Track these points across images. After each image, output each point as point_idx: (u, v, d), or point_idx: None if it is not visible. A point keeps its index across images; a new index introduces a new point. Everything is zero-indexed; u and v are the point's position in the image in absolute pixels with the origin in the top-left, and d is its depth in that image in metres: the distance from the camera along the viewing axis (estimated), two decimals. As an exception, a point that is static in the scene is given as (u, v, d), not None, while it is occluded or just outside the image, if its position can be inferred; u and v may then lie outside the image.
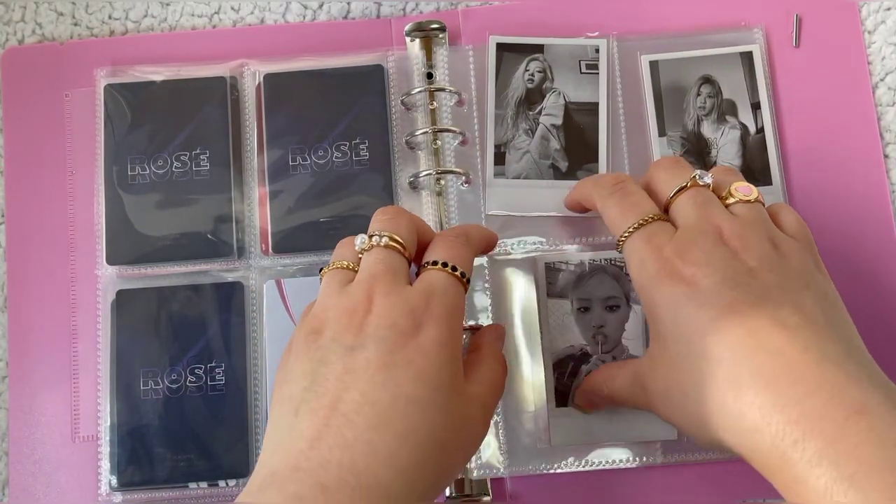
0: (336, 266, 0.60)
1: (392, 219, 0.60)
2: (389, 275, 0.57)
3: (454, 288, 0.57)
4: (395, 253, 0.58)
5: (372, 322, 0.54)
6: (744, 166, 0.72)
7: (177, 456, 0.69)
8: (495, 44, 0.74)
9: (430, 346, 0.54)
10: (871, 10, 0.76)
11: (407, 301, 0.55)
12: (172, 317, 0.71)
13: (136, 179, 0.73)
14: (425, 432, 0.52)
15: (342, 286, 0.58)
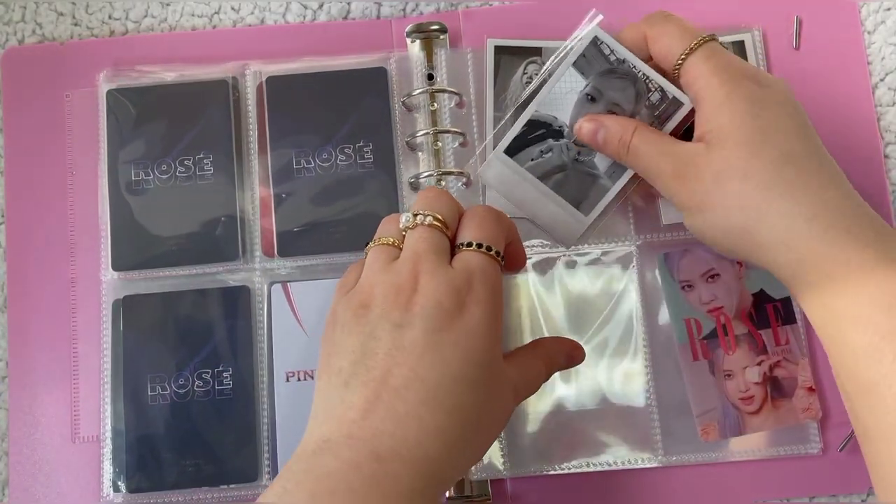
0: (381, 242, 0.60)
1: (436, 198, 0.60)
2: (433, 253, 0.58)
3: (492, 268, 0.58)
4: (437, 232, 0.59)
5: (419, 301, 0.55)
6: None
7: (185, 461, 0.69)
8: (493, 47, 0.74)
9: (475, 326, 0.55)
10: (871, 10, 0.76)
11: (451, 281, 0.56)
12: (179, 322, 0.71)
13: (140, 185, 0.72)
14: (469, 409, 0.54)
15: (388, 262, 0.58)
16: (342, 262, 0.72)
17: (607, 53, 0.67)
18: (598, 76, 0.67)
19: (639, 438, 0.70)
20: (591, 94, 0.67)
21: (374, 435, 0.52)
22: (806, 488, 0.69)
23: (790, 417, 0.69)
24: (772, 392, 0.70)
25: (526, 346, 0.65)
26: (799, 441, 0.69)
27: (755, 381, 0.70)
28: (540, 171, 0.68)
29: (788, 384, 0.70)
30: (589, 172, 0.68)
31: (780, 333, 0.71)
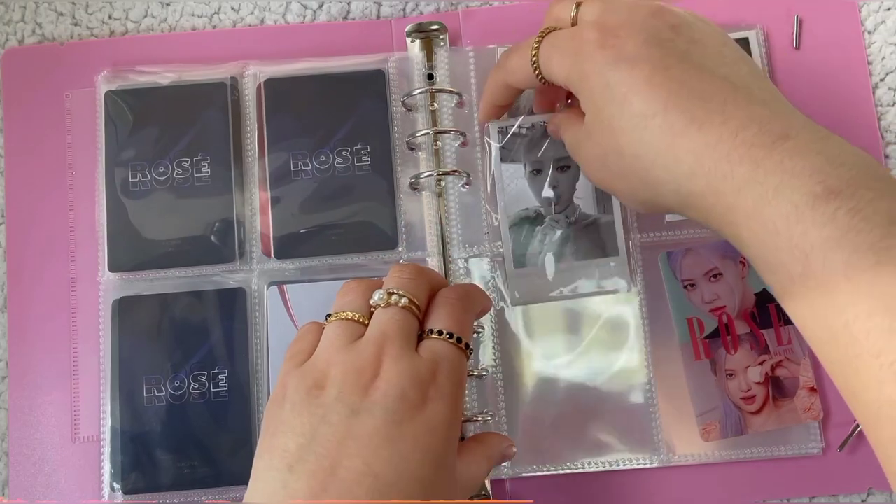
0: (343, 317, 0.58)
1: (412, 280, 0.59)
2: (402, 338, 0.56)
3: (459, 360, 0.57)
4: (410, 315, 0.57)
5: (380, 387, 0.53)
6: None
7: (180, 463, 0.69)
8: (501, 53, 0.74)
9: (437, 423, 0.53)
10: (871, 10, 0.76)
11: (416, 370, 0.54)
12: (175, 324, 0.71)
13: (138, 186, 0.72)
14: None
15: (350, 340, 0.56)
16: (339, 263, 0.72)
17: (516, 132, 0.70)
18: (526, 152, 0.71)
19: (639, 438, 0.70)
20: (534, 169, 0.71)
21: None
22: (806, 489, 0.69)
23: (792, 417, 0.69)
24: (773, 392, 0.70)
25: (471, 441, 0.61)
26: (799, 441, 0.69)
27: (757, 381, 0.70)
28: (553, 256, 0.70)
29: (790, 384, 0.70)
30: (588, 222, 0.70)
31: (782, 333, 0.70)
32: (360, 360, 0.54)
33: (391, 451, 0.51)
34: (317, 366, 0.55)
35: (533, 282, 0.70)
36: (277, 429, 0.53)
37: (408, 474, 0.51)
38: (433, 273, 0.62)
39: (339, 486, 0.50)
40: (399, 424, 0.52)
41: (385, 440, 0.51)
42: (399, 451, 0.51)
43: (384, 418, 0.52)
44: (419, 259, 0.72)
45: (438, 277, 0.62)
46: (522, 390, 0.70)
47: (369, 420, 0.52)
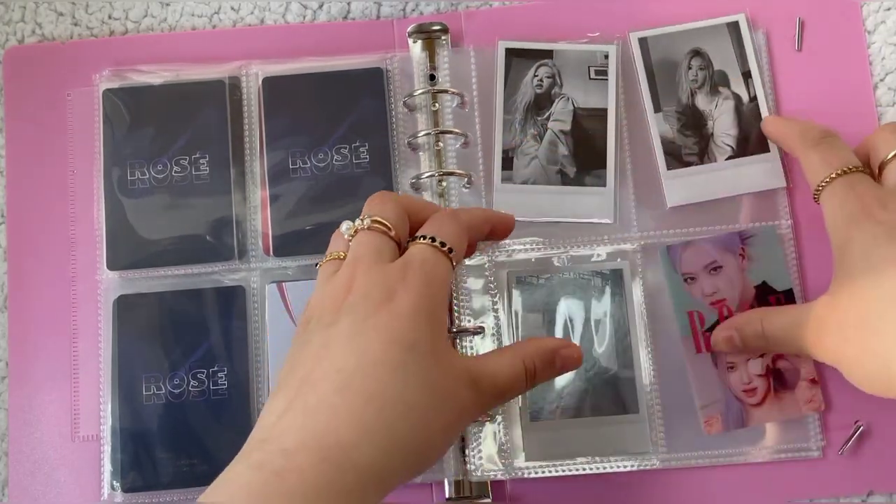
0: (329, 258, 0.59)
1: (380, 202, 0.59)
2: (373, 255, 0.56)
3: (435, 258, 0.56)
4: (379, 234, 0.58)
5: (348, 298, 0.54)
6: (740, 136, 0.73)
7: (180, 461, 0.69)
8: (504, 49, 0.74)
9: (403, 310, 0.53)
10: (871, 10, 0.76)
11: (385, 275, 0.55)
12: (174, 322, 0.71)
13: (136, 184, 0.73)
14: (393, 393, 0.51)
15: (332, 275, 0.57)
16: (338, 262, 0.72)
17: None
18: (544, 304, 0.72)
19: (640, 439, 0.69)
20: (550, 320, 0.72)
21: (282, 432, 0.49)
22: (806, 490, 0.69)
23: (793, 409, 0.69)
24: (774, 384, 0.69)
25: (506, 346, 0.63)
26: (800, 443, 0.69)
27: (758, 373, 0.70)
28: (567, 413, 0.70)
29: (791, 376, 0.70)
30: (607, 377, 0.71)
31: None
32: (335, 285, 0.55)
33: (353, 345, 0.52)
34: (307, 306, 0.57)
35: (548, 436, 0.70)
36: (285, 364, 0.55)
37: (370, 360, 0.51)
38: (407, 197, 0.62)
39: (306, 388, 0.51)
40: (363, 321, 0.52)
41: (348, 338, 0.52)
42: (361, 342, 0.52)
43: (349, 320, 0.53)
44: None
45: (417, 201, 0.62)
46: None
47: (338, 327, 0.53)
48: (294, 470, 0.47)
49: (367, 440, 0.49)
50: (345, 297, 0.54)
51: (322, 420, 0.49)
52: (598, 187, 0.72)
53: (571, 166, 0.73)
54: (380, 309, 0.53)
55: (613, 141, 0.73)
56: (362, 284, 0.54)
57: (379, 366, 0.51)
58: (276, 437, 0.49)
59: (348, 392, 0.50)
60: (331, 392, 0.50)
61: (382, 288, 0.54)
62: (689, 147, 0.73)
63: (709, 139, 0.72)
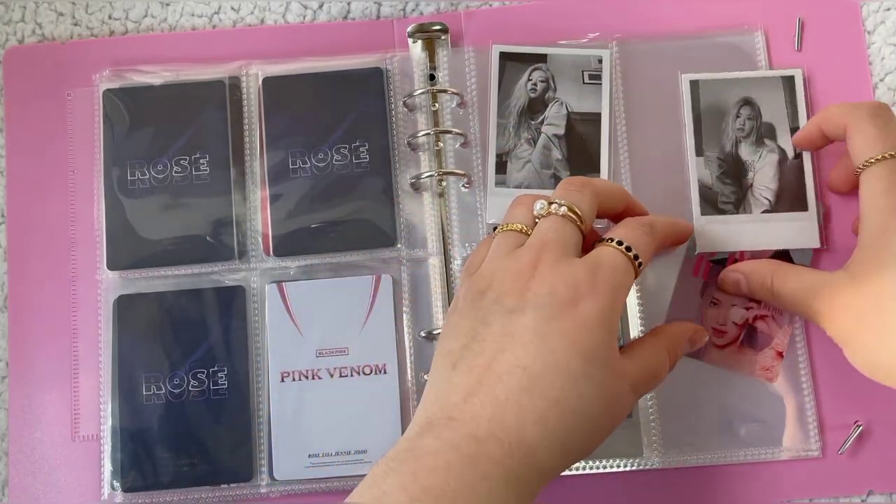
0: (510, 227, 0.61)
1: (577, 191, 0.60)
2: (560, 244, 0.58)
3: (623, 266, 0.58)
4: (570, 224, 0.59)
5: (533, 288, 0.55)
6: (779, 190, 0.72)
7: (180, 460, 0.69)
8: (498, 53, 0.74)
9: (588, 319, 0.55)
10: (871, 10, 0.75)
11: (571, 272, 0.56)
12: (174, 322, 0.71)
13: (136, 184, 0.73)
14: (573, 402, 0.53)
15: (512, 248, 0.59)
16: (338, 261, 0.72)
17: None
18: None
19: (637, 440, 0.69)
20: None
21: (472, 418, 0.52)
22: (806, 490, 0.69)
23: (748, 368, 0.70)
24: (744, 338, 0.70)
25: (645, 336, 0.64)
26: (799, 443, 0.69)
27: (735, 321, 0.70)
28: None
29: (762, 339, 0.70)
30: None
31: None
32: (518, 265, 0.57)
33: (540, 345, 0.54)
34: (483, 273, 0.59)
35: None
36: (447, 332, 0.58)
37: (554, 366, 0.53)
38: (604, 185, 0.63)
39: (492, 378, 0.53)
40: (549, 321, 0.54)
41: (535, 335, 0.54)
42: (547, 344, 0.54)
43: (535, 315, 0.54)
44: (419, 258, 0.72)
45: (612, 190, 0.64)
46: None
47: (521, 318, 0.55)
48: (487, 458, 0.51)
49: (548, 443, 0.53)
50: (528, 283, 0.56)
51: (510, 417, 0.52)
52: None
53: (565, 170, 0.72)
54: (566, 311, 0.55)
55: (607, 145, 0.73)
56: (548, 278, 0.56)
57: (562, 373, 0.53)
58: (465, 420, 0.53)
59: (534, 394, 0.53)
60: (517, 389, 0.53)
61: (569, 288, 0.55)
62: (726, 195, 0.72)
63: (748, 190, 0.72)
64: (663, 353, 0.62)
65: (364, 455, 0.69)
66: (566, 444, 0.54)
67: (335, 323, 0.71)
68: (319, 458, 0.69)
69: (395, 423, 0.69)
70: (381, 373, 0.70)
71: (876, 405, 0.69)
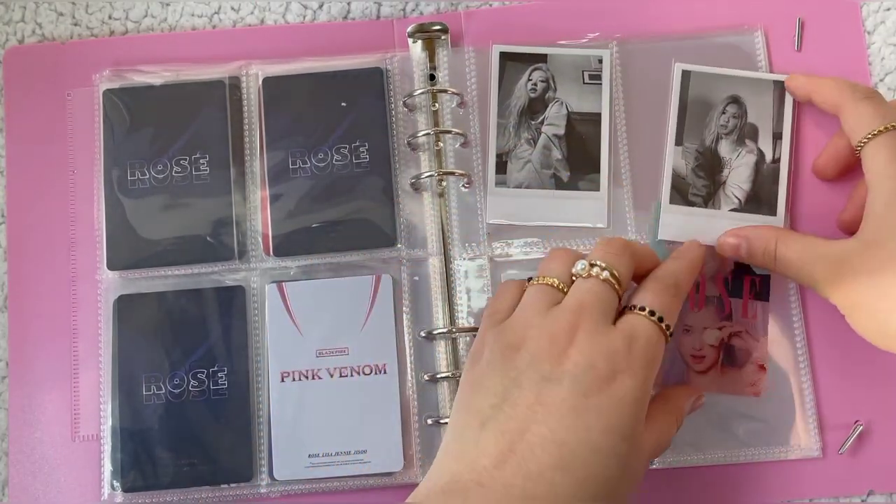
0: (545, 282, 0.60)
1: (617, 254, 0.60)
2: (598, 311, 0.57)
3: (657, 338, 0.58)
4: (609, 289, 0.58)
5: (572, 357, 0.55)
6: (751, 192, 0.72)
7: (180, 460, 0.69)
8: (498, 53, 0.74)
9: (624, 397, 0.54)
10: (871, 10, 0.76)
11: (609, 344, 0.56)
12: (174, 322, 0.71)
13: (136, 184, 0.72)
14: (603, 479, 0.53)
15: (548, 306, 0.58)
16: (338, 262, 0.72)
17: None
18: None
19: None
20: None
21: (504, 487, 0.52)
22: (806, 490, 0.69)
23: (734, 388, 0.70)
24: (724, 359, 0.70)
25: (656, 403, 0.63)
26: (799, 443, 0.69)
27: (711, 344, 0.70)
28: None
29: (742, 356, 0.70)
30: None
31: (749, 307, 0.70)
32: (556, 327, 0.56)
33: (576, 421, 0.53)
34: (514, 327, 0.58)
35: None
36: (474, 385, 0.57)
37: (590, 444, 0.53)
38: (641, 249, 0.63)
39: (524, 448, 0.53)
40: (586, 396, 0.54)
41: (571, 410, 0.53)
42: (584, 421, 0.53)
43: (572, 389, 0.54)
44: (419, 258, 0.72)
45: (647, 254, 0.63)
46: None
47: (558, 389, 0.54)
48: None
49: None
50: (566, 350, 0.55)
51: (541, 491, 0.52)
52: (592, 192, 0.72)
53: (565, 171, 0.73)
54: (603, 388, 0.54)
55: (607, 145, 0.73)
56: (587, 348, 0.55)
57: (596, 452, 0.53)
58: (495, 488, 0.52)
59: (567, 472, 0.53)
60: (551, 466, 0.52)
61: (608, 362, 0.55)
62: (697, 188, 0.72)
63: (720, 186, 0.72)
64: (673, 424, 0.63)
65: (364, 455, 0.69)
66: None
67: (335, 323, 0.71)
68: (319, 458, 0.69)
69: (395, 423, 0.69)
70: (381, 373, 0.70)
71: (876, 405, 0.69)
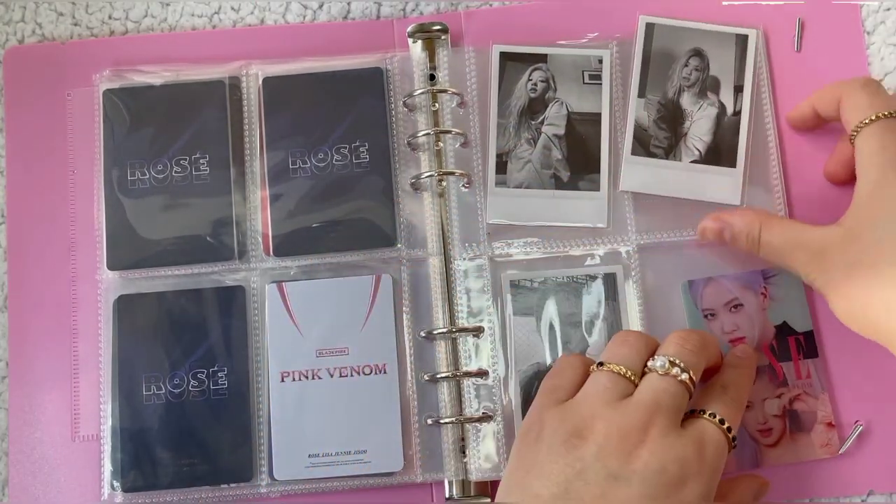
0: (615, 370, 0.59)
1: (696, 353, 0.59)
2: (673, 412, 0.56)
3: (724, 447, 0.58)
4: (685, 391, 0.58)
5: (643, 457, 0.54)
6: (712, 144, 0.72)
7: (180, 461, 0.69)
8: (499, 53, 0.74)
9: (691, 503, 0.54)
10: (871, 10, 0.75)
11: (682, 448, 0.55)
12: (174, 322, 0.71)
13: (136, 184, 0.73)
14: None
15: (618, 397, 0.57)
16: (338, 262, 0.72)
17: (528, 286, 0.72)
18: (536, 307, 0.72)
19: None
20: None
21: None
22: (805, 490, 0.69)
23: (808, 452, 0.68)
24: (790, 426, 0.69)
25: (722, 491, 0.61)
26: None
27: (774, 414, 0.69)
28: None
29: (807, 418, 0.69)
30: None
31: (801, 367, 0.69)
32: (627, 423, 0.55)
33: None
34: (580, 413, 0.56)
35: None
36: (532, 468, 0.55)
37: None
38: (715, 346, 0.62)
39: None
40: (654, 499, 0.52)
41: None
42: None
43: (641, 491, 0.53)
44: (419, 258, 0.72)
45: (718, 353, 0.63)
46: (516, 391, 0.70)
47: (626, 489, 0.52)
48: None
49: None
50: (636, 449, 0.54)
51: None
52: (592, 192, 0.72)
53: (565, 171, 0.73)
54: (671, 494, 0.53)
55: (607, 145, 0.73)
56: (660, 449, 0.54)
57: None
58: None
59: None
60: None
61: (679, 467, 0.54)
62: (659, 140, 0.73)
63: (681, 138, 0.72)
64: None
65: (364, 455, 0.69)
66: None
67: (335, 323, 0.71)
68: (319, 458, 0.69)
69: (395, 423, 0.69)
70: (381, 373, 0.70)
71: (876, 405, 0.69)
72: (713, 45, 0.74)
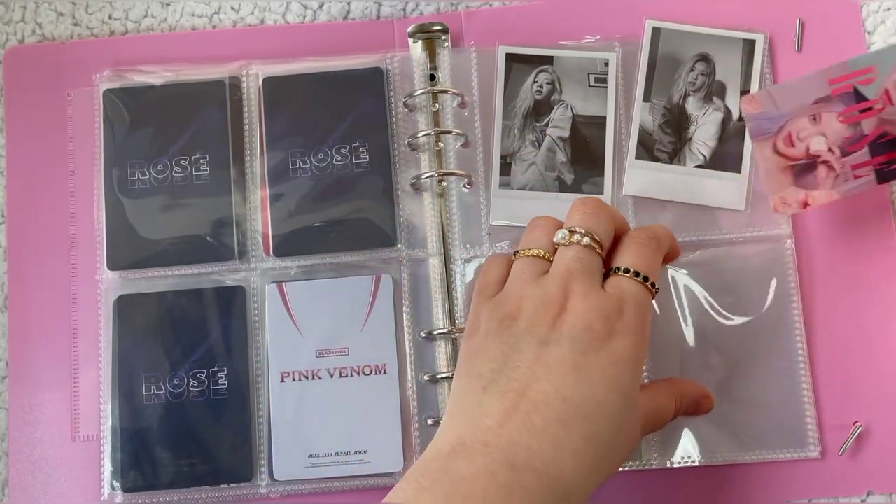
0: (531, 254, 0.60)
1: (593, 215, 0.60)
2: (586, 275, 0.58)
3: (645, 298, 0.59)
4: (592, 253, 0.59)
5: (567, 320, 0.55)
6: (717, 149, 0.73)
7: (180, 460, 0.69)
8: (504, 54, 0.74)
9: (622, 355, 0.55)
10: (871, 10, 0.76)
11: (603, 306, 0.56)
12: (174, 322, 0.71)
13: (136, 184, 0.73)
14: (605, 437, 0.54)
15: (537, 276, 0.59)
16: (338, 262, 0.72)
17: None
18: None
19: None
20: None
21: (509, 444, 0.52)
22: (805, 491, 0.69)
23: None
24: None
25: (660, 380, 0.66)
26: (798, 445, 0.69)
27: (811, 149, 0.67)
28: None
29: None
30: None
31: None
32: (547, 295, 0.57)
33: (578, 378, 0.54)
34: (508, 298, 0.58)
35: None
36: (474, 353, 0.57)
37: (594, 400, 0.54)
38: (614, 209, 0.63)
39: (528, 405, 0.53)
40: (585, 354, 0.54)
41: (572, 368, 0.54)
42: (586, 378, 0.54)
43: (571, 348, 0.54)
44: (419, 258, 0.72)
45: (619, 214, 0.64)
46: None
47: (557, 350, 0.55)
48: (521, 487, 0.51)
49: (583, 477, 0.53)
50: (559, 315, 0.56)
51: (547, 447, 0.52)
52: (596, 195, 0.72)
53: (569, 173, 0.73)
54: (601, 347, 0.55)
55: (612, 148, 0.73)
56: (581, 311, 0.56)
57: (600, 408, 0.54)
58: (501, 446, 0.52)
59: (572, 427, 0.53)
60: (555, 421, 0.53)
61: (603, 323, 0.56)
62: (663, 144, 0.73)
63: (686, 143, 0.72)
64: (672, 401, 0.63)
65: (364, 455, 0.69)
66: (596, 477, 0.54)
67: (335, 323, 0.71)
68: (319, 458, 0.69)
69: (395, 423, 0.69)
70: (381, 373, 0.70)
71: (876, 405, 0.69)
72: (719, 49, 0.74)
